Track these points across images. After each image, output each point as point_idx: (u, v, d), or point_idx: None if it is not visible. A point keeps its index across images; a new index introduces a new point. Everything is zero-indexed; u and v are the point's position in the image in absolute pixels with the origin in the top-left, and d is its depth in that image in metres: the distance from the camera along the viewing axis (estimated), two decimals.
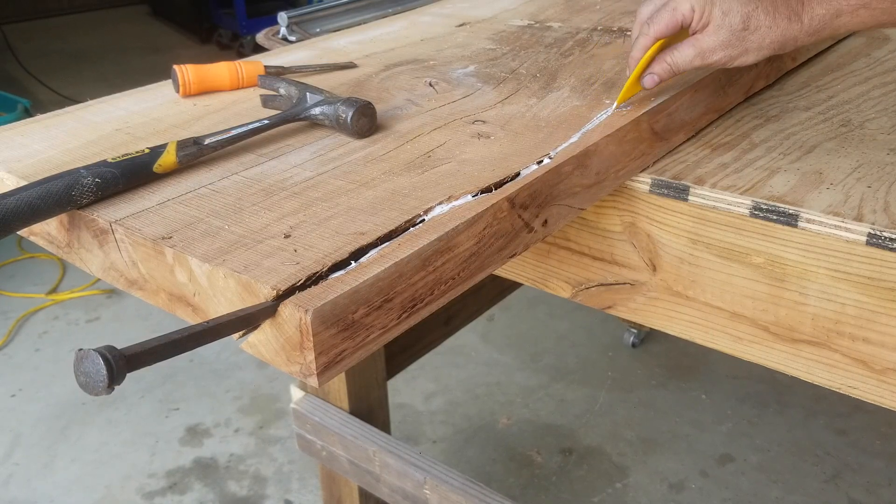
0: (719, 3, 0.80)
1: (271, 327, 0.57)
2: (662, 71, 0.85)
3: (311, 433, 1.51)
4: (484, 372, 2.39)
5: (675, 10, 0.81)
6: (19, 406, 2.31)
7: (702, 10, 0.80)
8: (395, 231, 0.64)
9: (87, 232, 0.71)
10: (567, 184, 0.78)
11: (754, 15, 0.80)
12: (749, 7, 0.80)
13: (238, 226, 0.66)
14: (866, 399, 0.82)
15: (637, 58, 0.85)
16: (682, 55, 0.83)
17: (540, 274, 1.01)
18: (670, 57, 0.84)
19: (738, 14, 0.80)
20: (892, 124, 0.97)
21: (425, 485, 1.35)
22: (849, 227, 0.76)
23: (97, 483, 2.02)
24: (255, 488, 2.00)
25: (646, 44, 0.83)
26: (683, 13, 0.81)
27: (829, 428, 2.13)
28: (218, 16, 5.42)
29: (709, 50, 0.82)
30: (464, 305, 1.81)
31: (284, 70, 1.05)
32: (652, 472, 2.01)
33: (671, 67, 0.84)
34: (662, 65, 0.84)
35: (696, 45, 0.82)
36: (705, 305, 0.89)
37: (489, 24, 1.31)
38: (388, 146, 0.82)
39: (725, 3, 0.80)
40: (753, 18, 0.80)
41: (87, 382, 0.50)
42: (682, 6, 0.81)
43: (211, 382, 2.38)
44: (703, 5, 0.80)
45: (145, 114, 0.93)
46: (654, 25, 0.82)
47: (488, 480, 1.98)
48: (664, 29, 0.82)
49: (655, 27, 0.82)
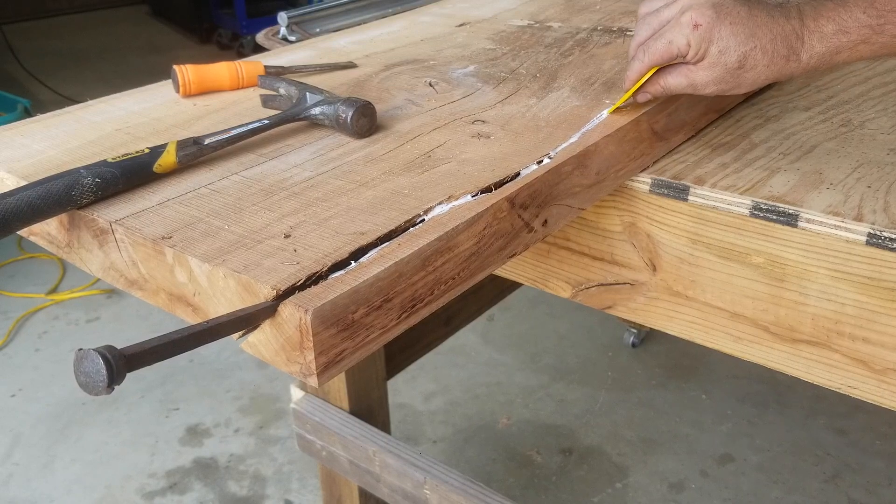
0: (717, 40, 0.78)
1: (271, 327, 0.57)
2: (656, 91, 0.85)
3: (311, 433, 1.51)
4: (484, 372, 2.39)
5: (671, 44, 0.80)
6: (19, 406, 2.31)
7: (698, 46, 0.79)
8: (395, 231, 0.64)
9: (87, 232, 0.71)
10: (567, 184, 0.78)
11: (751, 55, 0.78)
12: (747, 47, 0.78)
13: (238, 226, 0.66)
14: (866, 399, 0.82)
15: (633, 80, 0.85)
16: (675, 81, 0.83)
17: (540, 274, 1.01)
18: (664, 81, 0.84)
19: (735, 53, 0.78)
20: (892, 124, 0.97)
21: (425, 485, 1.35)
22: (849, 227, 0.76)
23: (97, 483, 2.02)
24: (255, 488, 2.00)
25: (641, 70, 0.83)
26: (679, 47, 0.80)
27: (829, 428, 2.13)
28: (218, 16, 5.42)
29: (701, 84, 0.81)
30: (464, 305, 1.81)
31: (284, 70, 1.05)
32: (652, 472, 2.01)
33: (664, 90, 0.85)
34: (656, 86, 0.85)
35: (690, 77, 0.82)
36: (705, 305, 0.89)
37: (489, 24, 1.31)
38: (388, 146, 0.82)
39: (723, 42, 0.78)
40: (750, 58, 0.78)
41: (87, 382, 0.50)
42: (678, 40, 0.79)
43: (211, 382, 2.38)
44: (700, 42, 0.78)
45: (145, 114, 0.93)
46: (650, 55, 0.82)
47: (488, 480, 1.98)
48: (658, 60, 0.82)
49: (650, 57, 0.82)
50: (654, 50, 0.81)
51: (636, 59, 0.84)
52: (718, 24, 0.77)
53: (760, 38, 0.78)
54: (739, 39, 0.78)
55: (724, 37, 0.78)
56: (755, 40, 0.78)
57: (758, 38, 0.78)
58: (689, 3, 0.79)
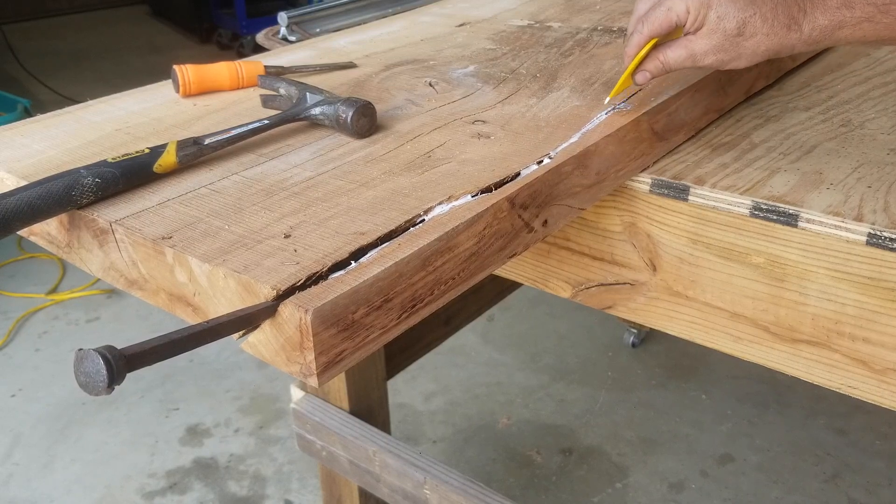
0: (716, 5, 0.78)
1: (271, 327, 0.57)
2: (654, 69, 0.84)
3: (311, 433, 1.51)
4: (484, 372, 2.39)
5: (670, 10, 0.79)
6: (19, 406, 2.31)
7: (696, 11, 0.78)
8: (395, 231, 0.64)
9: (87, 232, 0.71)
10: (567, 184, 0.78)
11: (751, 21, 0.77)
12: (746, 13, 0.77)
13: (238, 226, 0.66)
14: (866, 399, 0.82)
15: (631, 55, 0.84)
16: (674, 55, 0.82)
17: (540, 274, 1.01)
18: (662, 55, 0.83)
19: (734, 19, 0.77)
20: (892, 124, 0.97)
21: (425, 485, 1.35)
22: (849, 227, 0.76)
23: (97, 483, 2.02)
24: (255, 488, 2.00)
25: (640, 41, 0.83)
26: (678, 13, 0.79)
27: (829, 428, 2.13)
28: (218, 16, 5.42)
29: (700, 53, 0.80)
30: (464, 305, 1.81)
31: (284, 70, 1.05)
32: (652, 472, 2.01)
33: (663, 66, 0.84)
34: (655, 62, 0.84)
35: (689, 47, 0.81)
36: (705, 305, 0.89)
37: (489, 24, 1.31)
38: (388, 146, 0.82)
39: (722, 7, 0.77)
40: (750, 24, 0.77)
41: (87, 382, 0.50)
42: (676, 6, 0.79)
43: (211, 382, 2.38)
44: (699, 7, 0.78)
45: (145, 114, 0.93)
46: (648, 24, 0.81)
47: (488, 480, 1.98)
48: (658, 28, 0.81)
49: (649, 26, 0.81)
50: (653, 19, 0.81)
51: (635, 33, 0.83)
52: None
53: (761, 5, 0.77)
54: (739, 5, 0.77)
55: (723, 2, 0.77)
56: (755, 7, 0.77)
57: (758, 4, 0.77)
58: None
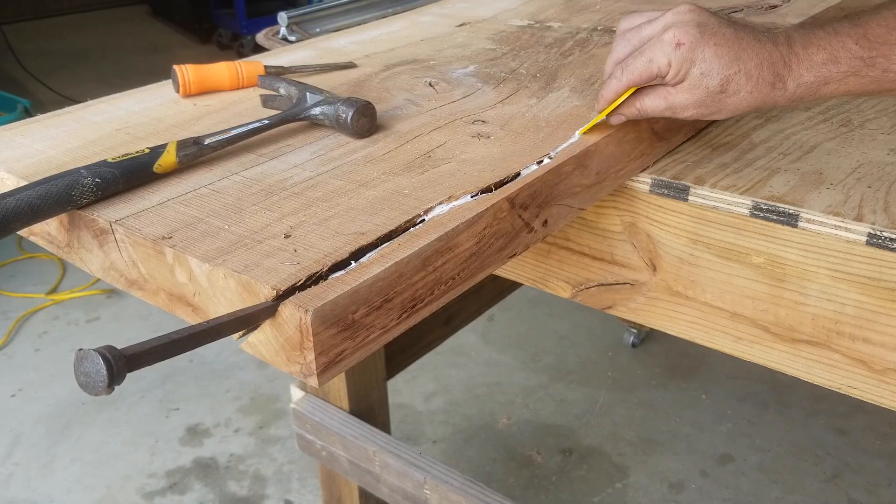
0: (699, 62, 0.74)
1: (271, 327, 0.57)
2: (630, 115, 0.81)
3: (311, 433, 1.51)
4: (484, 372, 2.39)
5: (651, 62, 0.76)
6: (19, 406, 2.31)
7: (678, 66, 0.75)
8: (395, 231, 0.64)
9: (87, 232, 0.71)
10: (567, 184, 0.78)
11: (735, 79, 0.74)
12: (731, 70, 0.74)
13: (238, 226, 0.66)
14: (866, 399, 0.82)
15: (608, 99, 0.81)
16: (652, 104, 0.79)
17: (540, 274, 1.01)
18: (640, 103, 0.80)
19: (718, 76, 0.74)
20: (892, 124, 0.97)
21: (425, 485, 1.35)
22: (849, 227, 0.76)
23: (97, 483, 2.03)
24: (255, 488, 2.00)
25: (618, 89, 0.79)
26: (660, 66, 0.76)
27: (829, 428, 2.13)
28: (218, 16, 5.42)
29: (680, 106, 0.78)
30: (464, 305, 1.81)
31: (284, 70, 1.05)
32: (652, 472, 2.01)
33: (639, 113, 0.81)
34: (632, 109, 0.81)
35: (668, 99, 0.78)
36: (705, 305, 0.89)
37: (489, 24, 1.31)
38: (388, 146, 0.82)
39: (706, 63, 0.74)
40: (733, 82, 0.74)
41: (87, 382, 0.50)
42: (658, 59, 0.75)
43: (211, 382, 2.38)
44: (682, 62, 0.74)
45: (145, 114, 0.93)
46: (628, 73, 0.78)
47: (488, 480, 1.98)
48: (637, 80, 0.78)
49: (629, 76, 0.78)
50: (633, 68, 0.77)
51: (613, 78, 0.79)
52: (702, 44, 0.73)
53: (745, 62, 0.74)
54: (723, 62, 0.74)
55: (707, 58, 0.74)
56: (740, 64, 0.74)
57: (743, 61, 0.74)
58: (672, 21, 0.76)
